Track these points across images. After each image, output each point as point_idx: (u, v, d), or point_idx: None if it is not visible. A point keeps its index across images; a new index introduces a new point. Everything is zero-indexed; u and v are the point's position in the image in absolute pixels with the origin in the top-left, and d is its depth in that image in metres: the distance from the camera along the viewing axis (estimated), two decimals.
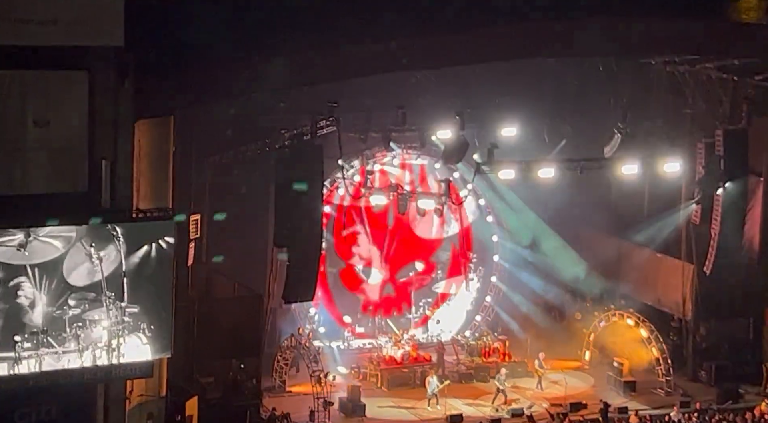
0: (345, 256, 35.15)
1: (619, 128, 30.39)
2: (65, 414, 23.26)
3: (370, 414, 29.74)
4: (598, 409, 29.49)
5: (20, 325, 21.90)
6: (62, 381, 22.62)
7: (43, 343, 22.09)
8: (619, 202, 33.14)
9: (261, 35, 24.15)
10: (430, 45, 26.34)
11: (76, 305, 22.37)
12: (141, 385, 24.75)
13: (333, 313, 34.90)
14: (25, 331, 21.94)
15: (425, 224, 35.47)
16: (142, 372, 23.62)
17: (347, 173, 31.93)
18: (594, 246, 35.53)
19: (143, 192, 24.41)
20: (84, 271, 22.37)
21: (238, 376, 29.60)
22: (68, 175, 22.63)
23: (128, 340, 22.85)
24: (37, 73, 22.13)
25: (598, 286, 35.03)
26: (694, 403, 29.97)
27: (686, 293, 33.49)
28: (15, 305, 21.85)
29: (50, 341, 22.16)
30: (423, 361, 32.98)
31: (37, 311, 22.05)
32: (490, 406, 30.57)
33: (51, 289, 22.14)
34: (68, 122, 22.47)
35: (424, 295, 35.96)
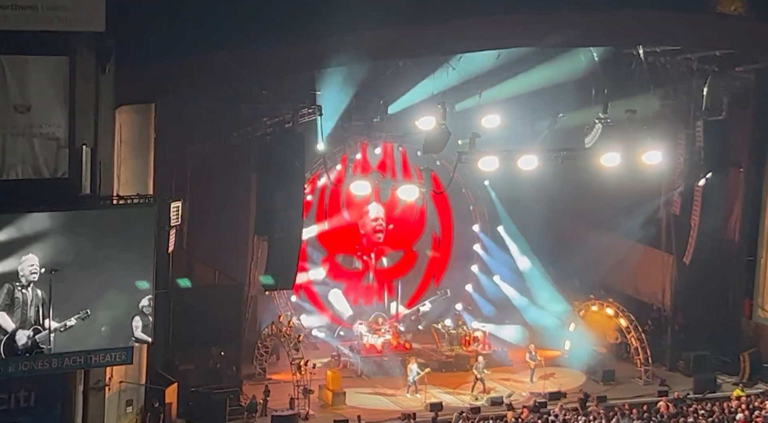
0: (326, 245, 35.16)
1: (599, 118, 30.46)
2: (44, 400, 23.28)
3: (350, 402, 29.79)
4: (577, 399, 29.62)
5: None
6: (41, 367, 22.62)
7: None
8: (600, 192, 33.21)
9: (243, 23, 24.13)
10: (414, 34, 26.39)
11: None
12: (121, 371, 24.78)
13: (313, 301, 34.92)
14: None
15: (407, 213, 35.53)
16: (121, 359, 23.63)
17: (329, 161, 31.91)
18: (575, 236, 35.66)
19: (124, 178, 24.41)
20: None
21: (219, 364, 29.62)
22: (49, 161, 22.60)
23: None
24: (18, 59, 22.11)
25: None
26: (672, 392, 30.13)
27: (666, 283, 33.67)
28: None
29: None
30: (403, 349, 33.06)
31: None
32: (469, 395, 30.68)
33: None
34: (49, 108, 22.46)
35: (406, 283, 36.00)
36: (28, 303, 22.49)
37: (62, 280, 22.56)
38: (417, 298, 36.09)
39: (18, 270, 22.30)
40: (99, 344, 23.18)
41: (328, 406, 29.58)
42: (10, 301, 22.33)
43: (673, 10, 27.63)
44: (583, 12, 26.99)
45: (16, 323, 22.45)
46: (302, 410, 28.77)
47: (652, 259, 34.14)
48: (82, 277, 22.82)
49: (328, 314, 35.01)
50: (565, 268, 35.54)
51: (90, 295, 22.97)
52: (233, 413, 28.07)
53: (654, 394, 30.40)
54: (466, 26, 26.32)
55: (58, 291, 22.55)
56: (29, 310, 22.51)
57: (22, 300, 22.43)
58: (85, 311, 22.88)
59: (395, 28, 25.56)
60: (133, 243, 23.29)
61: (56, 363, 22.78)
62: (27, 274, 22.42)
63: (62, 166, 22.77)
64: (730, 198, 32.75)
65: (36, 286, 22.52)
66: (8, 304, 22.32)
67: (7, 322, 22.37)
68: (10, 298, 22.31)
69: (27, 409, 23.10)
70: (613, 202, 33.68)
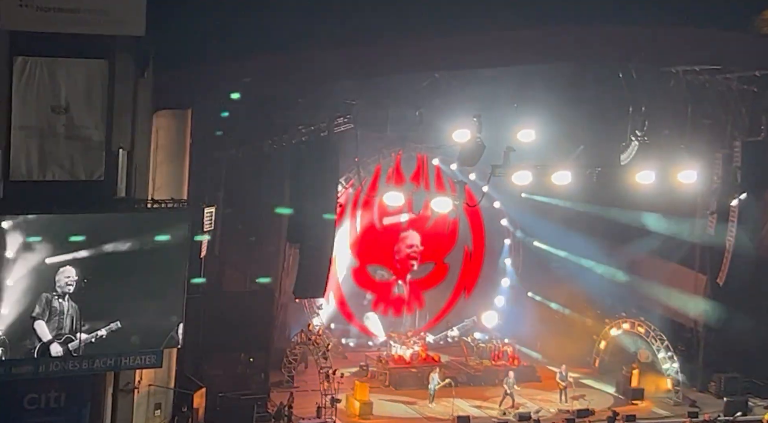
0: (357, 254, 35.16)
1: (636, 136, 30.30)
2: (74, 401, 23.39)
3: (377, 412, 29.73)
4: (606, 417, 29.41)
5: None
6: (72, 368, 22.75)
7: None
8: (635, 210, 32.98)
9: (281, 31, 24.20)
10: (451, 46, 26.36)
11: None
12: (150, 375, 24.86)
13: (343, 311, 34.93)
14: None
15: (439, 225, 35.48)
16: (151, 362, 23.71)
17: (363, 171, 31.92)
18: (607, 254, 35.42)
19: (159, 183, 24.51)
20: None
21: (247, 370, 29.65)
22: (85, 164, 22.74)
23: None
24: (58, 61, 22.27)
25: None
26: (702, 414, 29.85)
27: (699, 304, 33.36)
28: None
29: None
30: (432, 361, 32.97)
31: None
32: (497, 409, 30.54)
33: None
34: (87, 111, 22.60)
35: (436, 296, 35.94)
36: (64, 313, 22.62)
37: (94, 290, 22.66)
38: (447, 310, 36.01)
39: (55, 280, 22.42)
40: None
41: (355, 416, 29.53)
42: (48, 310, 22.47)
43: (715, 30, 27.43)
44: (624, 28, 26.85)
45: (52, 333, 22.57)
46: (329, 419, 28.72)
47: (686, 279, 33.84)
48: (114, 287, 22.92)
49: (357, 324, 34.99)
50: (597, 285, 35.32)
51: (121, 305, 23.05)
52: (260, 420, 28.08)
53: (684, 415, 30.13)
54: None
55: (90, 301, 22.71)
56: (65, 320, 22.64)
57: (58, 310, 22.56)
58: (115, 323, 22.94)
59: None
60: (166, 249, 23.32)
61: (86, 364, 22.91)
62: (63, 285, 22.54)
63: (98, 169, 22.90)
64: (765, 218, 32.44)
65: (70, 297, 22.64)
66: (46, 313, 22.46)
67: (44, 331, 22.51)
68: (48, 307, 22.45)
69: (57, 409, 23.23)
70: (647, 220, 33.44)
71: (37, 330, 22.42)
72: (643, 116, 30.15)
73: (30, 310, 22.29)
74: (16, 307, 22.16)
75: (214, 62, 24.13)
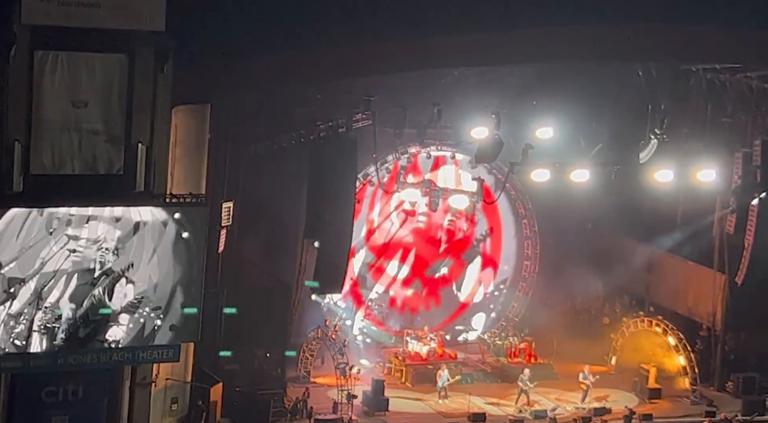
0: (375, 251, 35.19)
1: (655, 134, 30.22)
2: (91, 394, 23.50)
3: (393, 408, 29.76)
4: (623, 415, 29.34)
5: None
6: (90, 361, 22.85)
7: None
8: (653, 208, 32.91)
9: (300, 27, 24.23)
10: (469, 43, 26.33)
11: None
12: (167, 369, 24.98)
13: (360, 307, 34.94)
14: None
15: (457, 222, 35.45)
16: (169, 356, 23.80)
17: (381, 168, 31.94)
18: (626, 252, 35.34)
19: (177, 177, 24.61)
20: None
21: (264, 366, 29.72)
22: (104, 158, 22.84)
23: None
24: (78, 55, 22.36)
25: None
26: (720, 413, 29.75)
27: (717, 303, 33.24)
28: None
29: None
30: (448, 358, 32.97)
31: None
32: (513, 407, 30.52)
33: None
34: (106, 105, 22.70)
35: (453, 293, 35.91)
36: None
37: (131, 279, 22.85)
38: (464, 308, 36.00)
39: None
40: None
41: (371, 412, 29.57)
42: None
43: (736, 29, 27.29)
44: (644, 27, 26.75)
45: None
46: (345, 415, 28.79)
47: (704, 278, 33.74)
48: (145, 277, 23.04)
49: (374, 320, 35.01)
50: (615, 283, 35.26)
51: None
52: (277, 415, 28.20)
53: (701, 414, 30.04)
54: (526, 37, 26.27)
55: None
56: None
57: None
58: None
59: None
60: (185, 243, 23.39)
61: (105, 358, 23.00)
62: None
63: (117, 163, 23.00)
64: None
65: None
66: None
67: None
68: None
69: (75, 402, 23.34)
70: (665, 219, 33.37)
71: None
72: (662, 115, 30.08)
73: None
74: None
75: (233, 58, 24.17)
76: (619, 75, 30.48)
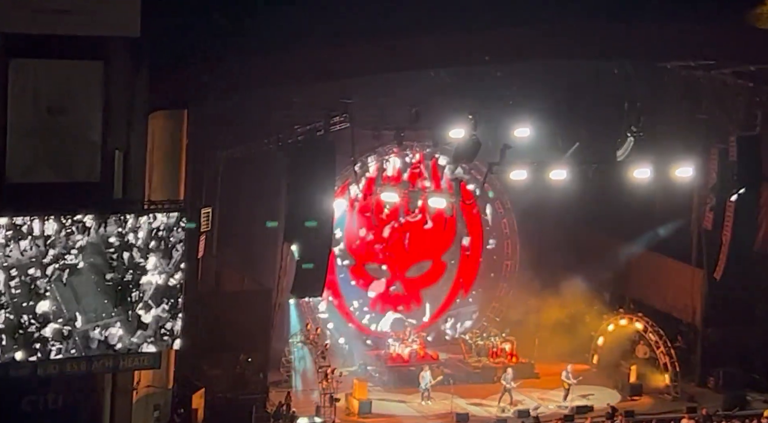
0: (355, 253, 35.17)
1: (632, 132, 30.32)
2: (72, 403, 23.31)
3: (375, 410, 29.75)
4: (605, 413, 29.43)
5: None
6: (70, 370, 22.71)
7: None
8: (631, 205, 33.05)
9: (276, 30, 24.18)
10: (444, 44, 26.36)
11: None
12: (148, 376, 24.82)
13: (341, 310, 34.93)
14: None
15: (436, 223, 35.48)
16: (149, 363, 23.67)
17: (359, 170, 31.93)
18: (605, 250, 35.47)
19: (155, 184, 24.47)
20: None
21: (246, 370, 29.66)
22: (81, 165, 22.69)
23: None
24: (53, 63, 22.17)
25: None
26: (701, 409, 29.88)
27: (696, 299, 33.42)
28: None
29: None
30: (430, 359, 32.99)
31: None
32: (496, 407, 30.56)
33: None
34: (83, 112, 22.51)
35: (433, 293, 35.95)
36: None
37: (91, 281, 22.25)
38: (445, 308, 36.04)
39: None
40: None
41: (353, 415, 29.55)
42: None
43: (710, 24, 27.42)
44: (618, 25, 26.84)
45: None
46: (328, 418, 28.75)
47: (683, 274, 33.92)
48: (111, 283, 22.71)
49: (355, 323, 35.00)
50: (595, 281, 35.38)
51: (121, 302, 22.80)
52: (259, 420, 28.13)
53: (682, 410, 30.18)
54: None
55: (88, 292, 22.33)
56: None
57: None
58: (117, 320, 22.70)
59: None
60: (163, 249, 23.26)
61: (85, 366, 22.78)
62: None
63: (94, 170, 22.83)
64: (762, 213, 32.44)
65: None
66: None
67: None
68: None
69: (56, 411, 23.12)
70: (644, 216, 33.51)
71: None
72: (638, 112, 30.17)
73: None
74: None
75: (209, 63, 24.09)
76: (595, 73, 30.54)
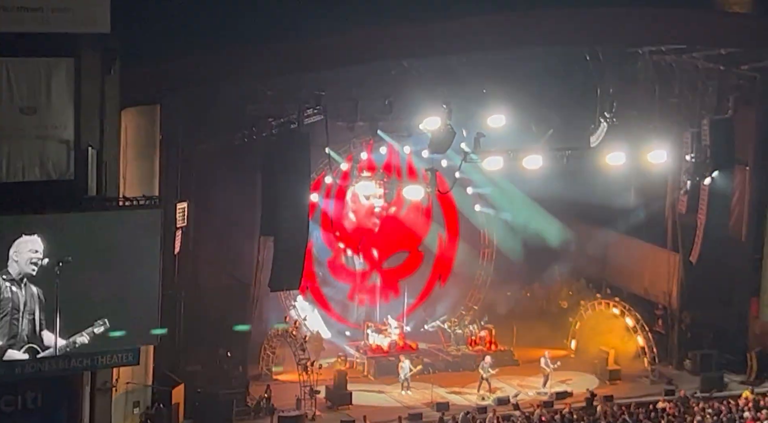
0: (332, 245, 35.15)
1: (605, 117, 30.44)
2: (51, 401, 23.28)
3: (356, 402, 29.78)
4: (584, 398, 29.58)
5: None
6: (48, 369, 22.62)
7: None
8: (606, 191, 33.18)
9: (246, 22, 24.14)
10: (417, 34, 26.37)
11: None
12: (127, 373, 24.80)
13: (320, 302, 34.91)
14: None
15: (412, 213, 35.50)
16: (129, 360, 23.63)
17: (334, 162, 31.90)
18: (581, 235, 35.61)
19: (130, 180, 24.42)
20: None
21: (225, 365, 29.62)
22: (55, 163, 22.60)
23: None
24: (24, 61, 22.10)
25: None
26: (679, 391, 30.09)
27: (672, 282, 33.61)
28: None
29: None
30: (410, 349, 33.04)
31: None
32: (476, 395, 30.67)
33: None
34: (55, 110, 22.45)
35: (411, 284, 35.98)
36: (20, 308, 21.64)
37: (70, 278, 21.93)
38: (423, 298, 36.08)
39: (10, 255, 21.08)
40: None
41: (334, 407, 29.57)
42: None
43: (680, 8, 27.57)
44: (589, 10, 26.95)
45: (3, 338, 21.24)
46: (309, 411, 28.77)
47: (659, 258, 34.10)
48: (89, 279, 22.48)
49: (335, 315, 35.00)
50: (572, 267, 35.50)
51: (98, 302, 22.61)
52: (240, 414, 28.11)
53: (661, 393, 30.37)
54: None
55: (66, 294, 22.15)
56: (21, 321, 21.78)
57: (12, 303, 21.36)
58: (102, 321, 22.47)
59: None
60: (139, 245, 23.19)
61: (63, 364, 22.78)
62: (23, 262, 21.47)
63: (68, 168, 22.76)
64: (736, 196, 32.69)
65: (33, 283, 22.02)
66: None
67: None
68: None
69: (34, 410, 23.10)
70: (619, 201, 33.65)
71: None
72: (610, 98, 30.29)
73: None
74: None
75: (180, 57, 24.04)
76: (567, 60, 30.66)
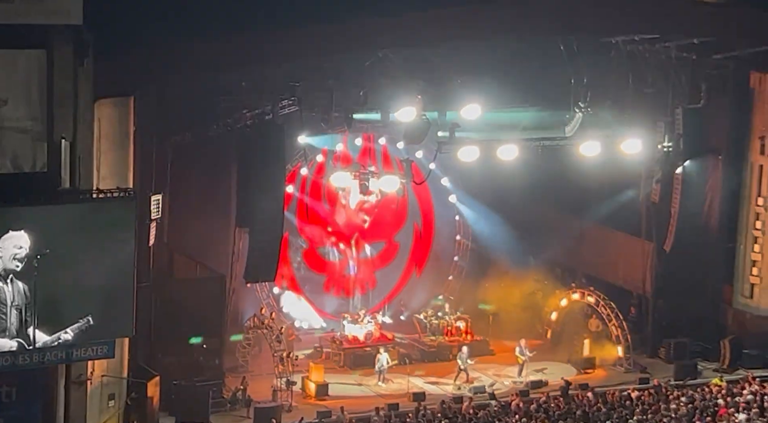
0: (308, 236, 35.14)
1: (579, 107, 30.55)
2: (25, 395, 23.16)
3: (333, 393, 29.81)
4: (559, 387, 29.73)
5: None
6: (22, 363, 22.51)
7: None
8: (580, 181, 33.33)
9: (220, 14, 24.07)
10: (391, 25, 26.37)
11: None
12: (102, 366, 24.71)
13: (296, 292, 34.91)
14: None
15: (388, 204, 35.53)
16: (104, 353, 23.54)
17: (309, 153, 31.87)
18: (556, 225, 35.75)
19: (104, 172, 24.30)
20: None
21: (201, 357, 29.55)
22: (28, 156, 22.46)
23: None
24: None
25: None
26: (653, 379, 30.28)
27: (646, 271, 33.80)
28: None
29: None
30: (386, 340, 33.10)
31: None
32: (452, 385, 30.76)
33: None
34: (27, 102, 22.30)
35: (387, 274, 36.04)
36: (7, 304, 21.63)
37: (48, 272, 21.86)
38: (399, 289, 36.15)
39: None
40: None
41: (310, 398, 29.60)
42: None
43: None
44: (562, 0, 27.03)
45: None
46: (285, 402, 28.78)
47: (633, 247, 34.27)
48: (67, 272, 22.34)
49: (311, 306, 35.00)
50: (546, 257, 35.65)
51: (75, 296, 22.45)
52: (216, 405, 28.07)
53: (635, 381, 30.57)
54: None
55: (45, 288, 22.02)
56: (9, 317, 21.80)
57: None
58: (86, 319, 22.40)
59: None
60: (113, 237, 23.07)
61: (37, 358, 22.63)
62: (7, 258, 21.43)
63: (41, 160, 22.62)
64: (709, 185, 32.90)
65: (18, 279, 21.87)
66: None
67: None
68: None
69: (8, 404, 22.97)
70: (593, 190, 33.79)
71: None
72: (585, 88, 30.40)
73: None
74: None
75: (154, 48, 23.93)
76: (541, 49, 30.73)
